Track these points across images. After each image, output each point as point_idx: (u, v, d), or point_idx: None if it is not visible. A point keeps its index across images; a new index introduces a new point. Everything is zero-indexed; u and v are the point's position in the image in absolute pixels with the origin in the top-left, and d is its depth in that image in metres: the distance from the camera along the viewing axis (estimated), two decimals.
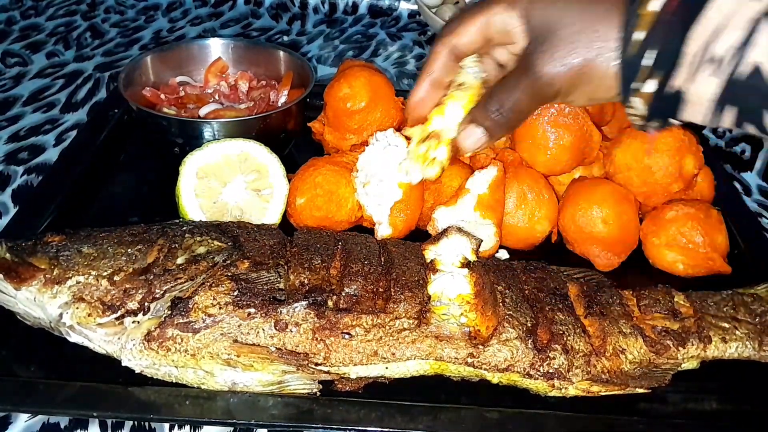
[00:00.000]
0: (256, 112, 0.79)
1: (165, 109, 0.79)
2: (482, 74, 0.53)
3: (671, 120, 0.44)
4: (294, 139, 0.82)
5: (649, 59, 0.40)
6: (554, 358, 0.52)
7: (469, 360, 0.52)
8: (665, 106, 0.41)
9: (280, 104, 0.82)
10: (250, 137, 0.70)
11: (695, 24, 0.38)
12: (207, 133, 0.73)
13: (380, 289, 0.54)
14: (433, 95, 0.53)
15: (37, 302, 0.52)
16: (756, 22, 0.36)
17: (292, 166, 0.70)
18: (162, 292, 0.52)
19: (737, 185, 0.87)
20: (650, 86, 0.41)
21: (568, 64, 0.43)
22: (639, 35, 0.40)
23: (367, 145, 0.68)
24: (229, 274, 0.53)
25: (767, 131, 0.39)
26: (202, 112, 0.80)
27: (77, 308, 0.51)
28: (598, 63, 0.42)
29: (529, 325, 0.54)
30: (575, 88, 0.45)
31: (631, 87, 0.42)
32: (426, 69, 0.53)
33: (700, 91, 0.39)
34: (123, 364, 0.51)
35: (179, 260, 0.54)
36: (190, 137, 0.74)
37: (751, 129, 0.40)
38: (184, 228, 0.58)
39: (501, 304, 0.54)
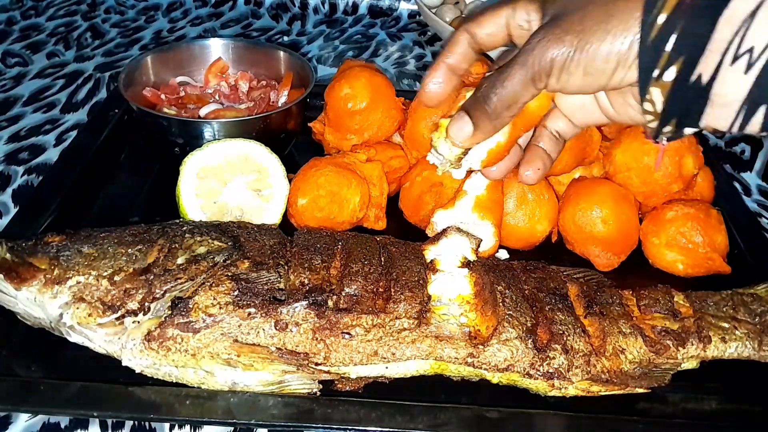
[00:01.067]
0: (257, 112, 0.79)
1: (165, 109, 0.79)
2: None
3: (686, 129, 0.41)
4: (294, 139, 0.82)
5: (671, 43, 0.37)
6: (554, 358, 0.52)
7: (469, 360, 0.52)
8: (685, 103, 0.38)
9: (280, 104, 0.82)
10: (251, 137, 0.70)
11: (726, 8, 0.35)
12: (207, 133, 0.73)
13: (380, 289, 0.54)
14: (449, 81, 0.52)
15: (38, 302, 0.52)
16: None
17: (292, 166, 0.70)
18: (162, 292, 0.52)
19: (737, 185, 0.87)
20: (671, 74, 0.37)
21: (568, 41, 0.40)
22: (662, 18, 0.37)
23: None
24: (229, 274, 0.53)
25: None
26: (203, 112, 0.80)
27: (77, 308, 0.51)
28: (606, 46, 0.39)
29: (529, 325, 0.54)
30: (571, 72, 0.41)
31: (652, 75, 0.38)
32: (443, 54, 0.51)
33: (727, 89, 0.36)
34: (123, 363, 0.51)
35: (179, 260, 0.54)
36: (191, 137, 0.74)
37: None
38: (185, 228, 0.58)
39: (501, 304, 0.54)
